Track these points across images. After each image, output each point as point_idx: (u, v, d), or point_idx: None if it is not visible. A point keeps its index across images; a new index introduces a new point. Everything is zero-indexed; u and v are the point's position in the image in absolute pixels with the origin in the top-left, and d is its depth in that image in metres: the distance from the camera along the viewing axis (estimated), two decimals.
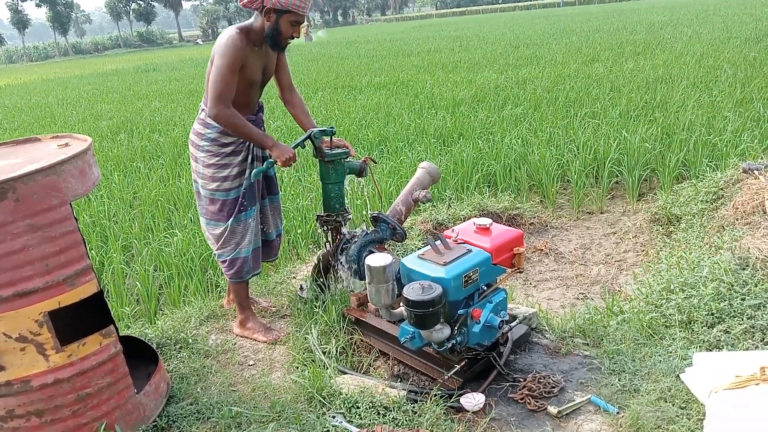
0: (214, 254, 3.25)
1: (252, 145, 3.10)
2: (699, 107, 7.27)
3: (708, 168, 5.13)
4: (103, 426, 2.32)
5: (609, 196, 5.52)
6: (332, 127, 3.26)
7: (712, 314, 2.81)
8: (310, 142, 3.23)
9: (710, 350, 2.64)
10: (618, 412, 2.39)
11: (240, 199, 3.09)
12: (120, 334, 2.47)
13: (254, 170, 3.08)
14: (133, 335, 3.05)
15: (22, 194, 2.05)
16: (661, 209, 4.66)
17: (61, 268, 2.17)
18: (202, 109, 3.08)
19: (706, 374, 2.36)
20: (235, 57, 2.86)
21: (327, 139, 3.23)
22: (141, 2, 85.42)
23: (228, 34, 2.90)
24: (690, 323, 2.83)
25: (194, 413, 2.55)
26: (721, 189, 4.42)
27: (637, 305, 3.16)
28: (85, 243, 2.32)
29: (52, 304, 2.16)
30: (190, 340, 3.20)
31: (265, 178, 3.29)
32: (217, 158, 3.04)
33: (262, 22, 2.92)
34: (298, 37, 2.99)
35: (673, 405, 2.32)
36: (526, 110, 8.26)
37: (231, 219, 3.09)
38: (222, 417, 2.49)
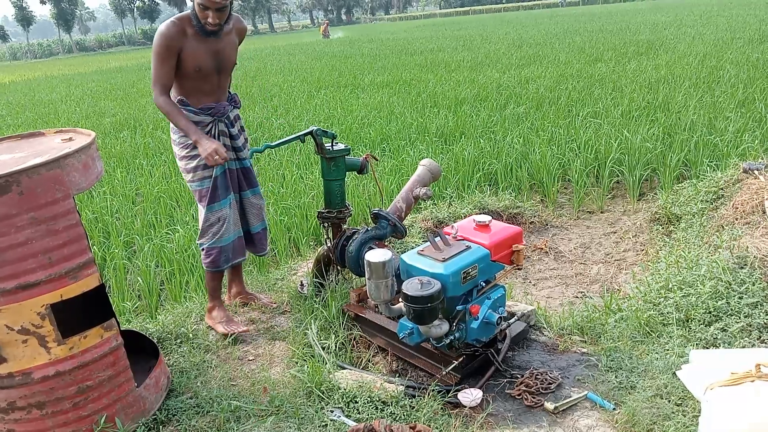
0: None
1: (219, 135, 3.15)
2: (701, 107, 7.28)
3: (708, 168, 5.14)
4: (103, 419, 2.35)
5: (609, 196, 5.53)
6: (334, 133, 3.31)
7: (710, 312, 2.82)
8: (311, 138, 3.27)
9: (707, 348, 2.65)
10: (614, 409, 2.41)
11: (211, 189, 3.13)
12: (121, 329, 2.50)
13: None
14: (134, 329, 3.07)
15: (26, 187, 2.07)
16: (662, 209, 4.67)
17: (64, 261, 2.19)
18: None
19: (702, 371, 2.37)
20: (162, 45, 2.94)
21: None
22: (145, 0, 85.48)
23: (162, 24, 3.00)
24: (687, 321, 2.85)
25: (194, 407, 2.57)
26: (722, 189, 4.43)
27: (635, 303, 3.17)
28: (87, 237, 2.34)
29: (54, 297, 2.18)
30: (191, 335, 3.22)
31: (243, 170, 3.32)
32: (186, 150, 3.12)
33: None
34: (217, 22, 2.97)
35: (669, 402, 2.34)
36: (528, 110, 8.27)
37: (205, 208, 3.15)
38: (221, 411, 2.51)
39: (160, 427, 2.47)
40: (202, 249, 3.24)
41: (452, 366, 2.62)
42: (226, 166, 3.17)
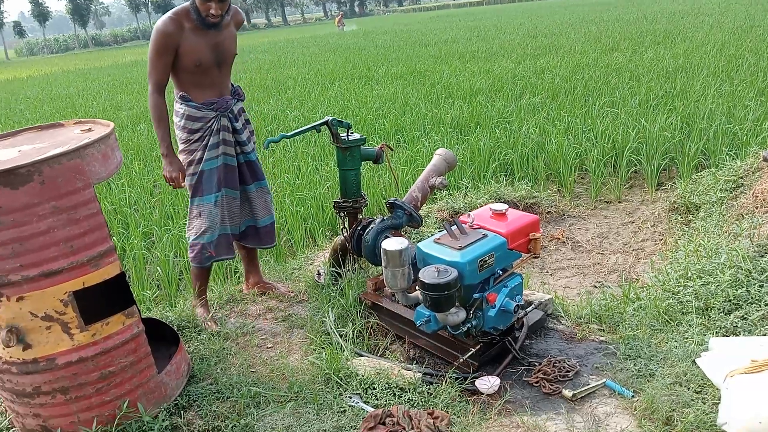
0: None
1: (219, 128, 3.09)
2: (719, 96, 7.18)
3: (728, 157, 5.08)
4: (125, 404, 2.38)
5: (627, 185, 5.49)
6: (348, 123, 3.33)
7: (730, 301, 2.80)
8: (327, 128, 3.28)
9: (727, 336, 2.63)
10: (633, 396, 2.40)
11: (195, 182, 3.12)
12: (142, 317, 2.53)
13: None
14: (155, 317, 3.11)
15: (48, 177, 2.10)
16: (680, 198, 4.63)
17: (86, 249, 2.22)
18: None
19: (722, 359, 2.35)
20: (159, 42, 2.92)
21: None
22: None
23: (160, 19, 2.96)
24: (707, 310, 2.82)
25: (214, 393, 2.60)
26: (741, 177, 4.38)
27: (654, 292, 3.15)
28: (108, 226, 2.37)
29: (76, 285, 2.21)
30: (211, 323, 3.25)
31: (248, 164, 3.28)
32: (185, 144, 3.11)
33: None
34: (219, 13, 2.93)
35: (689, 389, 2.33)
36: (544, 100, 8.21)
37: (191, 200, 3.16)
38: (241, 396, 2.54)
39: (182, 412, 2.50)
40: (188, 242, 3.24)
41: (469, 353, 2.63)
42: (221, 161, 3.12)
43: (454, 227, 2.67)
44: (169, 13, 2.98)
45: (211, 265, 3.30)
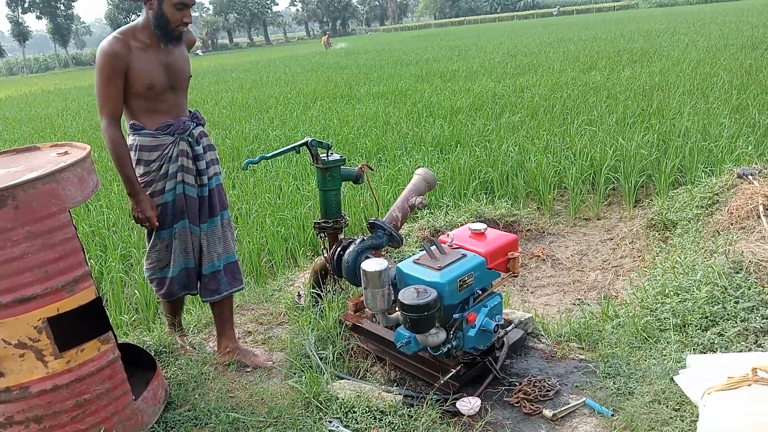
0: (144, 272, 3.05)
1: (178, 153, 2.81)
2: (695, 114, 7.32)
3: (703, 174, 5.17)
4: None
5: (606, 203, 5.55)
6: (329, 143, 3.32)
7: (706, 317, 2.83)
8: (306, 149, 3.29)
9: (704, 353, 2.66)
10: (613, 415, 2.41)
11: (161, 215, 2.84)
12: (118, 342, 2.49)
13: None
14: (132, 342, 3.06)
15: (22, 201, 2.07)
16: (657, 215, 4.69)
17: (60, 274, 2.19)
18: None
19: (699, 376, 2.38)
20: (107, 65, 2.65)
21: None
22: (140, 13, 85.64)
23: (104, 41, 2.71)
24: (684, 326, 2.85)
25: (192, 419, 2.57)
26: (717, 194, 4.45)
27: (632, 309, 3.18)
28: (83, 250, 2.34)
29: (51, 311, 2.17)
30: (188, 348, 3.21)
31: (204, 198, 2.92)
32: (143, 177, 2.82)
33: (148, 15, 2.71)
34: (190, 22, 2.72)
35: (667, 407, 2.34)
36: (524, 118, 8.31)
37: (153, 234, 2.90)
38: (219, 423, 2.50)
39: None
40: (152, 280, 3.02)
41: (450, 374, 2.62)
42: (179, 189, 2.83)
43: (433, 247, 2.68)
44: (114, 33, 2.71)
45: (183, 296, 3.15)
